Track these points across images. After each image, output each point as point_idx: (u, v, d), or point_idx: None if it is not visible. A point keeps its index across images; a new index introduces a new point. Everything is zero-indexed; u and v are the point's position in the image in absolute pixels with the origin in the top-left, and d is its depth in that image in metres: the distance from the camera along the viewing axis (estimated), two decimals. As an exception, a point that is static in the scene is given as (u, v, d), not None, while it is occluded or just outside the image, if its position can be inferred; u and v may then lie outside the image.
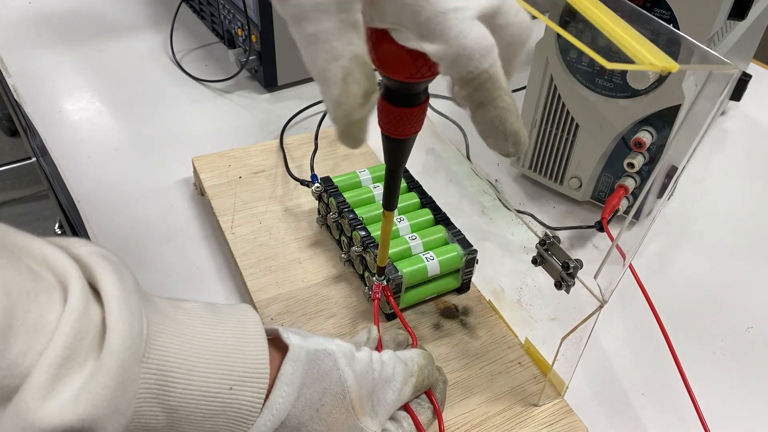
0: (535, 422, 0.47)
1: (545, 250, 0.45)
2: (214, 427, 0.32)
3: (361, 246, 0.54)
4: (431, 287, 0.54)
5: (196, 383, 0.31)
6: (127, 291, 0.29)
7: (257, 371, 0.33)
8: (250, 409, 0.33)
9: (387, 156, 0.41)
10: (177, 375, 0.30)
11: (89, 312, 0.27)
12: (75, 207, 0.65)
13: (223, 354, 0.32)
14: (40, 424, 0.25)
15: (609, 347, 0.56)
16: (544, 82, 0.62)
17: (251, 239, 0.59)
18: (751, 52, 0.79)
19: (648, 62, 0.31)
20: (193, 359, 0.31)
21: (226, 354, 0.32)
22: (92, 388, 0.26)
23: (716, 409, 0.51)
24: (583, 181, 0.65)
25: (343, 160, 0.69)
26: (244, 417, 0.33)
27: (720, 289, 0.61)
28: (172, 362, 0.30)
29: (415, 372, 0.42)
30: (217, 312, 0.34)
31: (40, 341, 0.26)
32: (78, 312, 0.27)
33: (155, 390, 0.30)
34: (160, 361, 0.30)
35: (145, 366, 0.29)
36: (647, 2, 0.54)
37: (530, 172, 0.69)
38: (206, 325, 0.33)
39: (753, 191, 0.73)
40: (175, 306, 0.33)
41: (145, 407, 0.29)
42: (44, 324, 0.26)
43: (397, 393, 0.41)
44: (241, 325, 0.34)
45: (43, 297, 0.27)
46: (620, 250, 0.41)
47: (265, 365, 0.34)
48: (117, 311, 0.28)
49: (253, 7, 0.76)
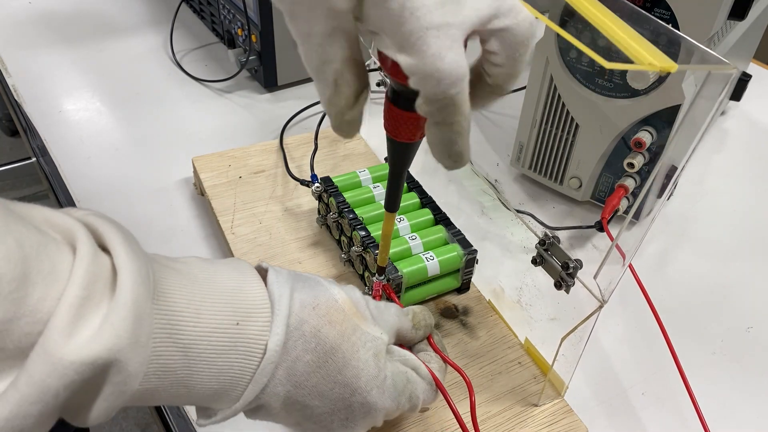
0: (535, 422, 0.47)
1: (545, 250, 0.45)
2: (227, 362, 0.33)
3: (361, 246, 0.53)
4: (431, 287, 0.54)
5: (205, 321, 0.32)
6: (130, 240, 0.30)
7: (260, 306, 0.35)
8: (258, 342, 0.34)
9: (392, 159, 0.41)
10: (185, 315, 0.32)
11: (99, 258, 0.29)
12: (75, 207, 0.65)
13: (226, 294, 0.34)
14: (70, 358, 0.26)
15: (609, 347, 0.56)
16: (544, 82, 0.62)
17: (251, 239, 0.59)
18: (751, 52, 0.79)
19: (647, 62, 0.31)
20: (198, 300, 0.32)
21: (228, 294, 0.34)
22: (113, 321, 0.27)
23: (716, 409, 0.51)
24: (583, 181, 0.65)
25: (343, 160, 0.69)
26: (253, 351, 0.34)
27: (720, 289, 0.61)
28: (179, 303, 0.32)
29: (410, 312, 0.43)
30: (213, 262, 0.36)
31: (57, 287, 0.27)
32: (89, 258, 0.28)
33: (168, 329, 0.31)
34: (168, 302, 0.31)
35: (156, 307, 0.30)
36: (647, 2, 0.54)
37: (530, 172, 0.69)
38: (205, 272, 0.34)
39: (753, 191, 0.73)
40: (173, 259, 0.35)
41: (161, 347, 0.31)
42: (58, 271, 0.27)
43: (394, 317, 0.42)
44: (237, 270, 0.36)
45: (52, 248, 0.28)
46: (620, 250, 0.41)
47: (266, 301, 0.35)
48: (124, 254, 0.29)
49: (253, 7, 0.76)
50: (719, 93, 0.36)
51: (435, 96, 0.31)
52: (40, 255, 0.27)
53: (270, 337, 0.34)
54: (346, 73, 0.32)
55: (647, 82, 0.54)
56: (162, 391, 0.32)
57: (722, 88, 0.36)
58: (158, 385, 0.31)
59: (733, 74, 0.35)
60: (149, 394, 0.31)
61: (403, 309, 0.44)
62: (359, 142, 0.72)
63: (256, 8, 0.76)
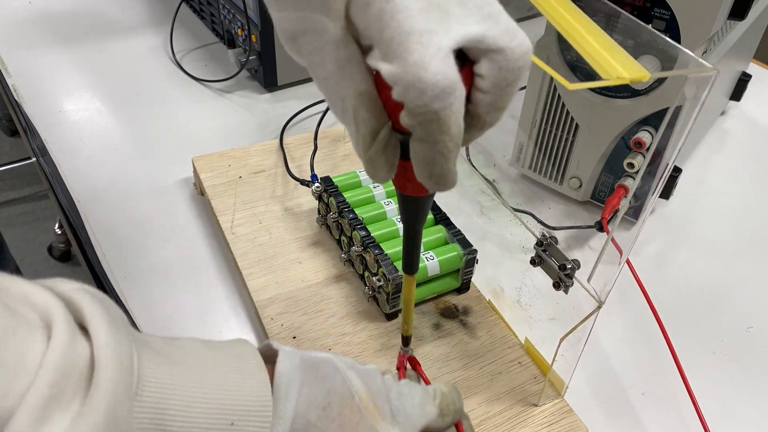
0: (535, 422, 0.47)
1: (543, 251, 0.45)
2: None
3: (361, 246, 0.54)
4: (431, 287, 0.54)
5: (195, 420, 0.29)
6: (116, 325, 0.27)
7: (260, 404, 0.31)
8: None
9: (404, 215, 0.38)
10: (173, 413, 0.28)
11: (75, 347, 0.25)
12: (75, 207, 0.65)
13: (223, 388, 0.30)
14: None
15: (609, 347, 0.56)
16: (544, 82, 0.62)
17: (251, 239, 0.59)
18: (751, 52, 0.79)
19: (616, 75, 0.29)
20: (190, 395, 0.29)
21: (226, 388, 0.30)
22: (80, 429, 0.24)
23: (716, 409, 0.51)
24: (583, 181, 0.65)
25: (342, 160, 0.69)
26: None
27: (720, 289, 0.61)
28: (168, 399, 0.28)
29: (438, 395, 0.39)
30: (213, 347, 0.32)
31: (22, 382, 0.24)
32: (63, 347, 0.25)
33: (151, 429, 0.27)
34: (154, 397, 0.28)
35: (139, 403, 0.27)
36: (647, 2, 0.54)
37: (530, 172, 0.69)
38: (202, 360, 0.31)
39: (753, 191, 0.73)
40: (168, 342, 0.31)
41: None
42: (25, 363, 0.24)
43: (418, 408, 0.37)
44: (239, 358, 0.32)
45: (21, 333, 0.25)
46: (616, 244, 0.41)
47: (268, 398, 0.31)
48: (105, 345, 0.26)
49: (253, 7, 0.76)
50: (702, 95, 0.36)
51: (417, 109, 0.27)
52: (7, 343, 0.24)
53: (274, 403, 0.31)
54: (361, 109, 0.30)
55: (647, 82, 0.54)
56: None
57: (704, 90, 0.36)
58: None
59: (712, 76, 0.34)
60: None
61: (429, 391, 0.39)
62: (359, 142, 0.72)
63: (256, 8, 0.76)
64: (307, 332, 0.51)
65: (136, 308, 0.56)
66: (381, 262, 0.51)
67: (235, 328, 0.55)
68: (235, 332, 0.55)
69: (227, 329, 0.55)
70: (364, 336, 0.52)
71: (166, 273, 0.59)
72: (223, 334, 0.54)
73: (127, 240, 0.62)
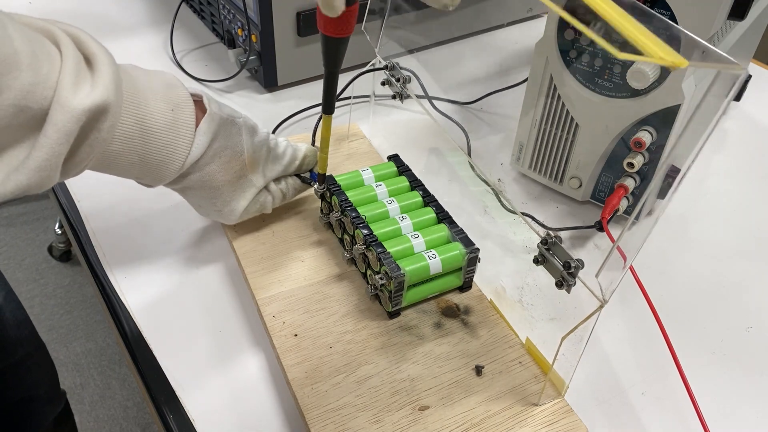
0: (535, 422, 0.47)
1: (547, 250, 0.45)
2: (167, 138, 0.46)
3: (364, 244, 0.54)
4: (433, 285, 0.54)
5: (153, 103, 0.45)
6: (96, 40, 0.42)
7: (187, 102, 0.47)
8: (187, 127, 0.47)
9: (325, 58, 0.48)
10: (141, 96, 0.44)
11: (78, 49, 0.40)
12: (75, 207, 0.65)
13: (163, 89, 0.46)
14: (80, 106, 0.38)
15: (609, 347, 0.56)
16: (544, 82, 0.63)
17: (254, 237, 0.59)
18: (751, 52, 0.79)
19: (658, 56, 0.30)
20: (147, 88, 0.45)
21: (165, 89, 0.46)
22: (101, 82, 0.39)
23: (716, 409, 0.51)
24: (583, 181, 0.65)
25: (346, 159, 0.69)
26: (184, 133, 0.47)
27: (720, 289, 0.61)
28: (138, 85, 0.44)
29: (299, 158, 0.59)
30: (145, 69, 0.47)
31: (56, 65, 0.38)
32: (72, 46, 0.40)
33: (131, 101, 0.43)
34: (128, 84, 0.43)
35: (124, 86, 0.42)
36: (647, 2, 0.54)
37: (530, 171, 0.69)
38: (145, 74, 0.46)
39: (753, 191, 0.73)
40: None
41: (126, 115, 0.43)
42: (53, 54, 0.38)
43: (282, 167, 0.57)
44: (166, 78, 0.47)
45: (42, 38, 0.39)
46: (621, 251, 0.41)
47: (191, 100, 0.47)
48: (95, 45, 0.41)
49: (253, 7, 0.76)
50: (725, 93, 0.36)
51: None
52: (40, 41, 0.38)
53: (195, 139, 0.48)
54: None
55: (647, 81, 0.54)
56: (122, 158, 0.45)
57: (728, 89, 0.36)
58: (120, 150, 0.44)
59: (742, 75, 0.35)
60: (113, 157, 0.44)
61: (298, 154, 0.59)
62: (362, 141, 0.72)
63: (256, 8, 0.76)
64: (308, 330, 0.52)
65: (137, 308, 0.56)
66: (383, 260, 0.51)
67: (237, 326, 0.55)
68: (236, 331, 0.55)
69: (228, 327, 0.55)
70: (366, 334, 0.52)
71: (167, 272, 0.59)
72: (225, 333, 0.54)
73: (127, 240, 0.62)
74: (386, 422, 0.46)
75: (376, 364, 0.50)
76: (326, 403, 0.47)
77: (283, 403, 0.50)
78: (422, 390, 0.48)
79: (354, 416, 0.46)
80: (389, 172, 0.62)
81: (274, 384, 0.51)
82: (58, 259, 1.74)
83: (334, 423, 0.46)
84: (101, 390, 1.46)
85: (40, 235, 1.80)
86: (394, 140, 0.75)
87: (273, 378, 0.51)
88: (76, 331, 1.58)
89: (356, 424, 0.46)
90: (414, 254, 0.54)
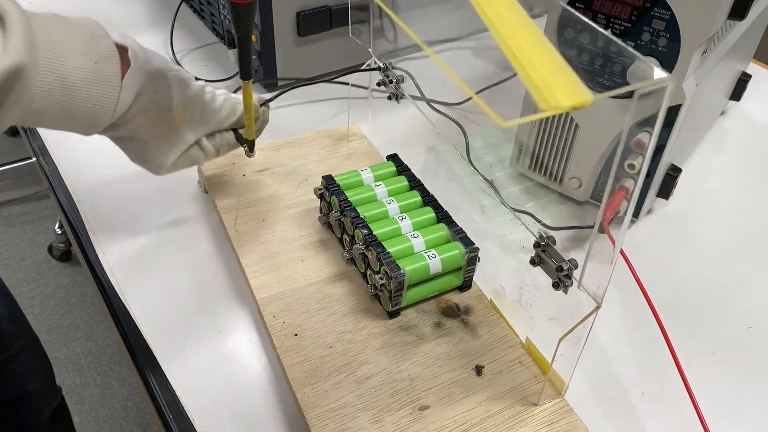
0: (535, 421, 0.47)
1: (542, 251, 0.45)
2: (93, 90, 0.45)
3: (364, 244, 0.54)
4: (433, 285, 0.54)
5: (73, 57, 0.43)
6: None
7: (112, 54, 0.46)
8: (112, 79, 0.45)
9: (235, 25, 0.51)
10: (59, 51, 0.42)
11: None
12: (75, 207, 0.65)
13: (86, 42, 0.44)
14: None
15: (609, 347, 0.56)
16: (545, 82, 0.63)
17: (254, 237, 0.59)
18: (751, 52, 0.79)
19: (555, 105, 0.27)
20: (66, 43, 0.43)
21: (88, 42, 0.44)
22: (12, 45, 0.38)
23: (716, 409, 0.51)
24: (582, 181, 0.65)
25: (345, 158, 0.69)
26: (109, 87, 0.45)
27: (720, 289, 0.61)
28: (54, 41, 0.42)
29: (238, 112, 0.58)
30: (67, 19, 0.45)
31: None
32: None
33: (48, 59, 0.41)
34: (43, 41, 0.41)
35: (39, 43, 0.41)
36: (647, 2, 0.54)
37: (530, 171, 0.69)
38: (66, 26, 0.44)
39: (753, 191, 0.73)
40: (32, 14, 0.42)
41: (43, 74, 0.41)
42: None
43: (218, 121, 0.56)
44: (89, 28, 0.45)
45: None
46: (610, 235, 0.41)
47: (116, 52, 0.46)
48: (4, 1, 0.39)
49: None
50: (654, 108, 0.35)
51: None
52: None
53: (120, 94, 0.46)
54: None
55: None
56: (46, 113, 0.43)
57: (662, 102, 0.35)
58: (42, 106, 0.43)
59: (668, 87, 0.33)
60: (36, 113, 0.43)
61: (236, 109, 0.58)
62: (362, 141, 0.72)
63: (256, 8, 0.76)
64: (308, 330, 0.52)
65: (137, 308, 0.56)
66: (383, 260, 0.51)
67: (237, 326, 0.55)
68: (237, 330, 0.55)
69: (229, 327, 0.55)
70: (366, 334, 0.52)
71: (167, 272, 0.59)
72: (225, 332, 0.54)
73: (128, 240, 0.62)
74: (386, 422, 0.46)
75: (376, 363, 0.50)
76: (326, 403, 0.47)
77: (283, 403, 0.50)
78: (422, 390, 0.48)
79: (354, 416, 0.46)
80: (388, 171, 0.62)
81: (274, 384, 0.51)
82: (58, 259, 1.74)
83: (334, 423, 0.46)
84: (101, 390, 1.46)
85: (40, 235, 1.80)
86: (394, 140, 0.75)
87: (273, 378, 0.51)
88: (76, 331, 1.58)
89: (356, 424, 0.46)
90: (414, 254, 0.54)
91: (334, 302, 0.54)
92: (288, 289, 0.55)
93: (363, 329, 0.52)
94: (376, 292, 0.53)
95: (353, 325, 0.52)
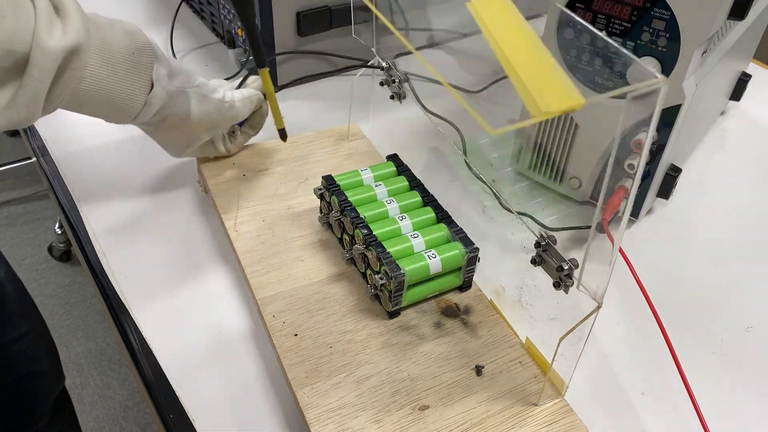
0: (535, 421, 0.47)
1: (543, 251, 0.45)
2: (131, 78, 0.50)
3: (364, 244, 0.54)
4: (433, 285, 0.54)
5: (117, 45, 0.49)
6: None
7: (146, 46, 0.51)
8: (147, 70, 0.51)
9: (240, 14, 0.56)
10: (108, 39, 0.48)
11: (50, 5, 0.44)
12: (75, 207, 0.65)
13: (124, 35, 0.50)
14: (57, 47, 0.43)
15: (609, 347, 0.56)
16: (545, 82, 0.63)
17: (254, 237, 0.59)
18: (751, 52, 0.79)
19: (545, 110, 0.27)
20: (109, 33, 0.49)
21: (125, 35, 0.50)
22: (72, 27, 0.44)
23: (716, 409, 0.51)
24: (582, 181, 0.65)
25: (345, 158, 0.69)
26: (145, 73, 0.51)
27: (720, 289, 0.61)
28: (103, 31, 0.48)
29: (251, 108, 0.64)
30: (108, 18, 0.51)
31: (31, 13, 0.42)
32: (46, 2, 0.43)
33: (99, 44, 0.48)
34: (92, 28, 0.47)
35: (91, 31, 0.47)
36: (647, 2, 0.54)
37: (530, 171, 0.69)
38: (108, 22, 0.50)
39: (753, 191, 0.73)
40: None
41: (94, 57, 0.47)
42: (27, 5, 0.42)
43: (235, 117, 0.63)
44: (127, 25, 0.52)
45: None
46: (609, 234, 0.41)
47: (150, 44, 0.52)
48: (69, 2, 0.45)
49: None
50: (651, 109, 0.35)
51: None
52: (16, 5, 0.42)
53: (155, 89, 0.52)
54: None
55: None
56: (92, 95, 0.48)
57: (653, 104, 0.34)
58: (89, 89, 0.48)
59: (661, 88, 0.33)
60: (83, 95, 0.48)
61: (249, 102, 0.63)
62: (363, 141, 0.72)
63: (256, 8, 0.76)
64: (308, 330, 0.52)
65: (137, 308, 0.56)
66: (383, 260, 0.51)
67: (237, 326, 0.55)
68: (237, 330, 0.55)
69: (229, 327, 0.55)
70: (366, 334, 0.52)
71: (167, 273, 0.59)
72: (225, 332, 0.54)
73: (128, 240, 0.62)
74: (386, 422, 0.46)
75: (376, 364, 0.50)
76: (326, 403, 0.47)
77: (283, 403, 0.50)
78: (422, 390, 0.48)
79: (354, 416, 0.46)
80: (388, 171, 0.62)
81: (274, 384, 0.51)
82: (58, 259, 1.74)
83: (334, 423, 0.46)
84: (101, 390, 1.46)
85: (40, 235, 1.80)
86: (394, 140, 0.75)
87: (273, 378, 0.51)
88: (76, 331, 1.58)
89: (356, 424, 0.46)
90: (414, 254, 0.54)
91: (334, 302, 0.54)
92: (288, 289, 0.55)
93: (363, 329, 0.52)
94: (376, 292, 0.53)
95: (353, 325, 0.52)
